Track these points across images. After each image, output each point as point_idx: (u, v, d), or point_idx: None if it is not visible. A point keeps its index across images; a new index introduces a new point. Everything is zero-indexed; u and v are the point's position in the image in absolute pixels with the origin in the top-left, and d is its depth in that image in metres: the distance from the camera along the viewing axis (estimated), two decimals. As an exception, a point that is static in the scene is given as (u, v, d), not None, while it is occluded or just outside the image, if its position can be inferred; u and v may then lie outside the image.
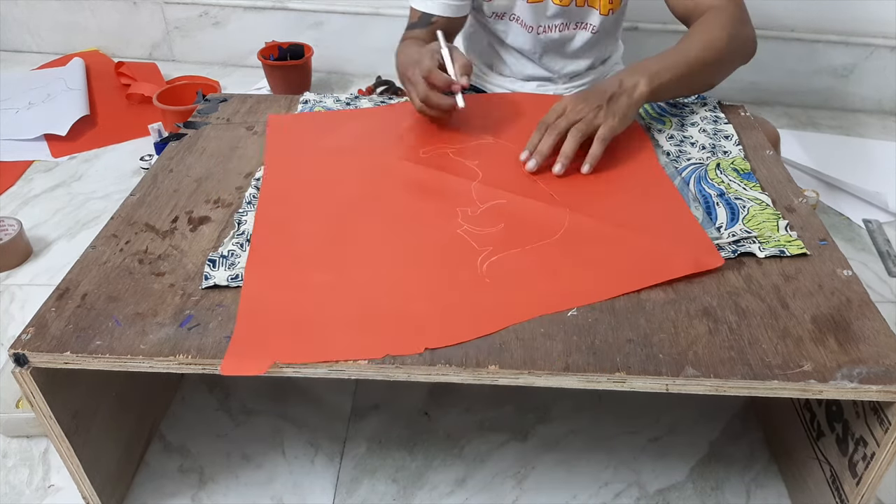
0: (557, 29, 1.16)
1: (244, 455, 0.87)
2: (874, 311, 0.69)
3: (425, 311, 0.68)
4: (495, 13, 1.17)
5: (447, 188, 0.86)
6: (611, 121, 0.89)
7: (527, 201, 0.83)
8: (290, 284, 0.71)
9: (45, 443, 0.88)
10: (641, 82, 0.91)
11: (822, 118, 1.77)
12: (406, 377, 0.63)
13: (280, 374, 0.63)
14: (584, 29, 1.16)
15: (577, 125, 0.88)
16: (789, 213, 0.83)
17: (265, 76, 1.77)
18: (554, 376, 0.62)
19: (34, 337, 0.65)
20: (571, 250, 0.76)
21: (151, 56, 1.99)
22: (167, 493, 0.82)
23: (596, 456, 0.87)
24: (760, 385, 0.62)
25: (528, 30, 1.16)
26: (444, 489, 0.83)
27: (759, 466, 0.86)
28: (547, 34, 1.16)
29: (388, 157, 0.92)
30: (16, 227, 1.18)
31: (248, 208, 0.82)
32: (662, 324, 0.67)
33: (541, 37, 1.17)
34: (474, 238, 0.77)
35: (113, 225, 0.80)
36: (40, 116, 1.60)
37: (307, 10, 1.86)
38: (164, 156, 0.94)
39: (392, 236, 0.78)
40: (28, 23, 1.96)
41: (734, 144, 0.97)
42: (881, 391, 0.61)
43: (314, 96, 1.10)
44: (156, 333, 0.65)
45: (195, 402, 0.93)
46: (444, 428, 0.90)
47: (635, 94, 0.91)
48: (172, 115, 1.50)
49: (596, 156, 0.88)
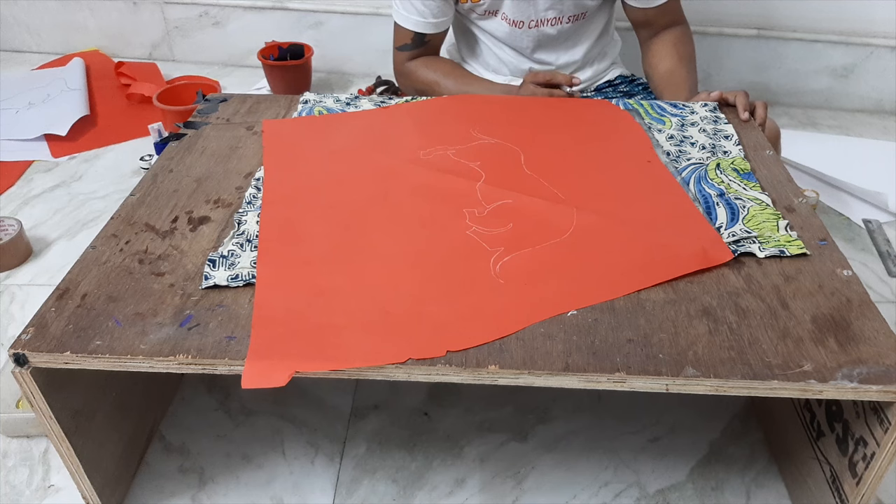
0: (549, 23, 1.17)
1: (244, 455, 0.87)
2: (874, 311, 0.69)
3: (444, 314, 0.67)
4: (484, 13, 1.18)
5: (452, 189, 0.86)
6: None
7: (533, 200, 0.83)
8: (303, 290, 0.70)
9: (45, 443, 0.88)
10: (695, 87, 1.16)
11: (822, 118, 1.77)
12: (406, 377, 0.63)
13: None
14: (575, 21, 1.18)
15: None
16: (789, 213, 0.83)
17: (265, 76, 1.77)
18: (554, 376, 0.62)
19: (34, 337, 0.65)
20: (582, 249, 0.76)
21: (151, 56, 1.98)
22: (167, 493, 0.82)
23: (596, 456, 0.87)
24: (760, 385, 0.62)
25: (517, 26, 1.17)
26: (444, 489, 0.83)
27: (759, 466, 0.86)
28: (540, 28, 1.17)
29: (389, 160, 0.92)
30: (16, 227, 1.18)
31: (248, 208, 0.82)
32: (662, 324, 0.67)
33: (531, 31, 1.18)
34: (484, 239, 0.77)
35: (113, 225, 0.80)
36: (40, 116, 1.60)
37: (307, 10, 1.86)
38: (164, 156, 0.94)
39: (401, 238, 0.78)
40: (28, 23, 1.96)
41: (734, 144, 0.97)
42: (881, 391, 0.61)
43: (314, 96, 1.10)
44: (156, 333, 0.65)
45: (195, 402, 0.93)
46: (444, 428, 0.90)
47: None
48: (172, 115, 1.50)
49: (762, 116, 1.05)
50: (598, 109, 1.06)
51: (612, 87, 1.30)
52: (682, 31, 1.22)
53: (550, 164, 0.91)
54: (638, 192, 0.86)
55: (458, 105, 1.08)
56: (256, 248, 0.75)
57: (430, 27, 1.17)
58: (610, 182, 0.88)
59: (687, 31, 1.24)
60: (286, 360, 0.62)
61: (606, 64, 1.29)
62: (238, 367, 0.63)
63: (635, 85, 1.29)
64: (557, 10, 1.15)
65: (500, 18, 1.17)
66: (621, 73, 1.31)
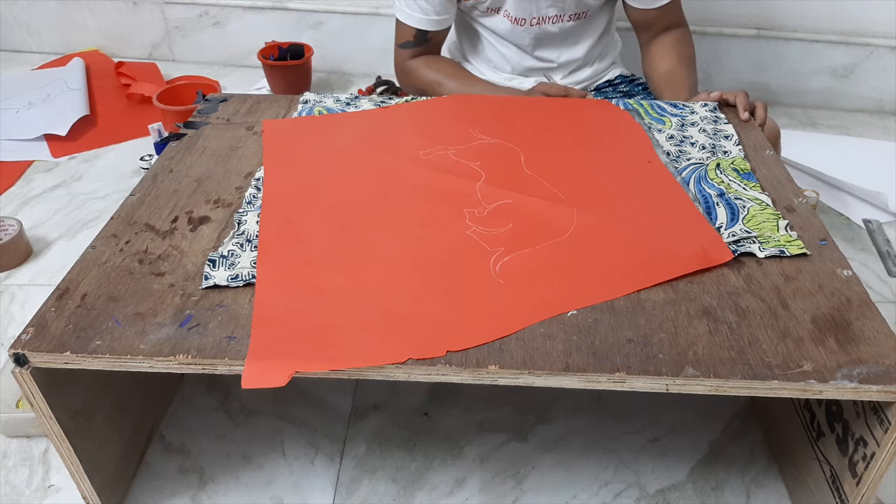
0: (551, 21, 1.17)
1: (244, 455, 0.87)
2: (874, 311, 0.69)
3: (444, 314, 0.67)
4: (487, 10, 1.18)
5: (452, 189, 0.86)
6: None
7: (533, 200, 0.83)
8: (304, 290, 0.70)
9: (45, 443, 0.88)
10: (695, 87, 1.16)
11: (822, 118, 1.77)
12: (406, 377, 0.63)
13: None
14: (577, 19, 1.18)
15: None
16: (789, 213, 0.83)
17: (265, 76, 1.77)
18: (554, 376, 0.62)
19: (34, 337, 0.65)
20: (583, 248, 0.76)
21: (151, 56, 1.98)
22: (167, 493, 0.82)
23: (596, 456, 0.87)
24: (760, 385, 0.62)
25: (519, 23, 1.17)
26: (444, 489, 0.83)
27: (759, 466, 0.86)
28: (541, 26, 1.17)
29: (389, 160, 0.92)
30: (16, 227, 1.18)
31: (248, 208, 0.82)
32: (662, 324, 0.67)
33: (533, 28, 1.18)
34: (484, 239, 0.77)
35: (113, 225, 0.80)
36: (40, 116, 1.60)
37: (307, 10, 1.86)
38: (164, 156, 0.94)
39: (401, 238, 0.78)
40: (28, 23, 1.96)
41: (734, 144, 0.97)
42: (881, 391, 0.61)
43: (314, 96, 1.10)
44: (156, 333, 0.65)
45: (195, 402, 0.93)
46: (444, 428, 0.90)
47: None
48: (172, 115, 1.50)
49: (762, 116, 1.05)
50: (598, 109, 1.06)
51: (612, 87, 1.30)
52: (682, 32, 1.22)
53: (550, 164, 0.91)
54: (638, 192, 0.86)
55: (458, 105, 1.08)
56: (256, 248, 0.75)
57: (433, 24, 1.17)
58: (610, 182, 0.88)
59: (687, 32, 1.24)
60: (286, 361, 0.62)
61: (607, 63, 1.30)
62: (238, 367, 0.63)
63: (635, 85, 1.29)
64: (559, 8, 1.16)
65: (501, 16, 1.17)
66: (621, 73, 1.31)
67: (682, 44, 1.21)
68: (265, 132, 0.99)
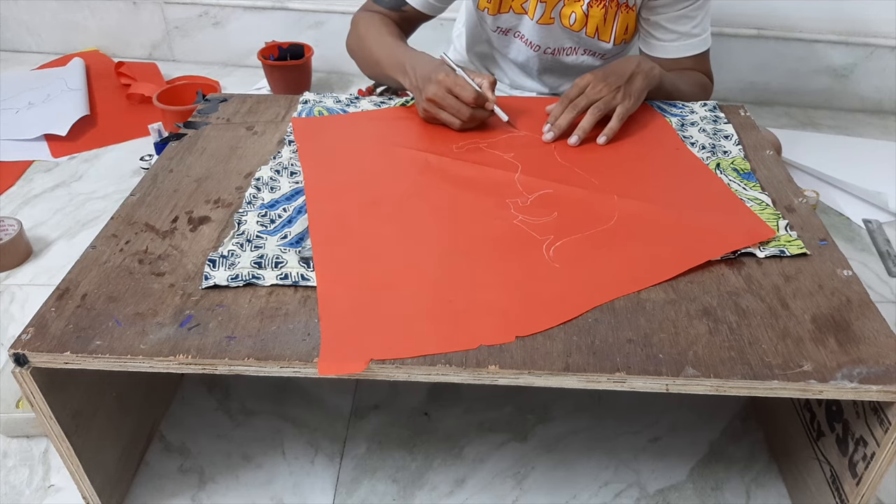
0: (565, 52, 1.16)
1: (244, 455, 0.87)
2: (874, 311, 0.69)
3: (505, 301, 0.68)
4: (500, 28, 1.16)
5: (492, 180, 0.87)
6: (627, 102, 0.95)
7: (573, 189, 0.84)
8: (366, 284, 0.70)
9: (45, 443, 0.88)
10: (657, 68, 1.00)
11: (822, 118, 1.77)
12: (406, 377, 0.63)
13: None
14: (592, 56, 1.17)
15: (597, 104, 0.94)
16: (789, 213, 0.83)
17: (265, 76, 1.77)
18: (554, 376, 0.62)
19: (34, 337, 0.65)
20: (631, 233, 0.77)
21: (151, 56, 1.98)
22: (167, 493, 0.82)
23: (596, 456, 0.87)
24: (760, 385, 0.62)
25: (533, 48, 1.16)
26: (444, 489, 0.83)
27: (759, 466, 0.86)
28: (555, 56, 1.16)
29: (424, 154, 0.92)
30: (16, 227, 1.18)
31: (248, 208, 0.82)
32: (662, 324, 0.67)
33: (546, 56, 1.17)
34: (531, 227, 0.78)
35: (113, 225, 0.80)
36: (40, 116, 1.60)
37: (307, 10, 1.86)
38: (164, 156, 0.94)
39: (452, 229, 0.78)
40: (28, 23, 1.96)
41: (734, 144, 0.97)
42: (881, 391, 0.61)
43: (314, 96, 1.10)
44: (156, 333, 0.65)
45: (195, 402, 0.93)
46: (444, 428, 0.90)
47: (651, 77, 0.98)
48: (172, 115, 1.50)
49: (614, 129, 0.95)
50: None
51: None
52: (699, 75, 1.14)
53: (582, 154, 0.92)
54: (672, 177, 0.88)
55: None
56: (256, 248, 0.76)
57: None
58: (643, 170, 0.90)
59: (703, 79, 1.14)
60: (360, 349, 0.63)
61: None
62: (238, 367, 0.63)
63: None
64: (575, 42, 1.15)
65: (518, 38, 1.17)
66: None
67: (690, 75, 1.13)
68: (295, 130, 0.99)
